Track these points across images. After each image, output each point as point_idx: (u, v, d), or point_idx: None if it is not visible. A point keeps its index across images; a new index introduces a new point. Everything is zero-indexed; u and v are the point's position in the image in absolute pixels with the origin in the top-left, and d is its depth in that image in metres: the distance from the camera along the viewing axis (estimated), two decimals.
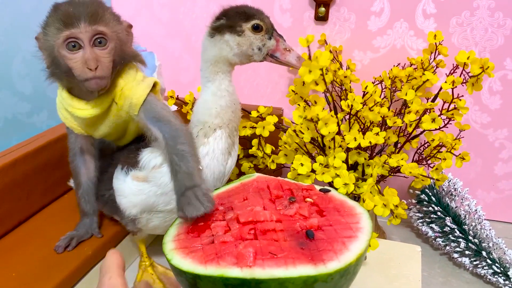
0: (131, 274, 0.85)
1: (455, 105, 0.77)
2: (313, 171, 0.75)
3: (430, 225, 0.90)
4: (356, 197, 0.78)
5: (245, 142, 0.90)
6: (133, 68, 0.69)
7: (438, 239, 0.89)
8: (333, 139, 0.75)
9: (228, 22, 0.67)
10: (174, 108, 0.87)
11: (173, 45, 1.11)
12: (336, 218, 0.52)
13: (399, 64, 0.95)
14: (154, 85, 0.69)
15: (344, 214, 0.52)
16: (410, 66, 0.90)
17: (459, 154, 0.79)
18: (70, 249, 0.76)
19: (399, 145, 0.85)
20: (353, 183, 0.72)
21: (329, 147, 0.77)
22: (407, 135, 0.83)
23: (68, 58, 0.62)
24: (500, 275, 0.81)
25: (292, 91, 0.81)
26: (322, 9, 0.96)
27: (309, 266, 0.43)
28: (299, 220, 0.51)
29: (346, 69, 0.95)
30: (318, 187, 0.59)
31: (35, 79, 0.89)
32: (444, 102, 0.79)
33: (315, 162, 0.75)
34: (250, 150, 0.88)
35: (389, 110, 0.81)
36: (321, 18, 0.97)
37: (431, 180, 0.76)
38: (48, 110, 0.94)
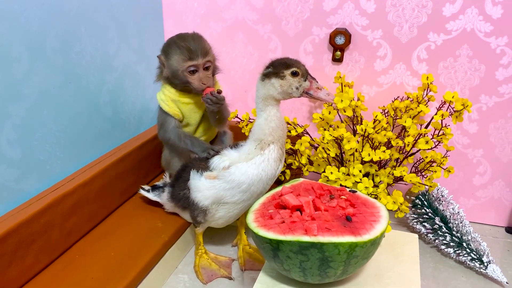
0: (190, 259, 1.08)
1: (443, 132, 1.03)
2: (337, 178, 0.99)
3: (423, 223, 1.15)
4: (373, 196, 1.02)
5: None
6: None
7: (429, 235, 1.14)
8: (353, 154, 1.00)
9: (274, 70, 0.91)
10: None
11: None
12: (364, 209, 0.76)
13: (398, 97, 1.20)
14: None
15: (369, 206, 0.77)
16: (408, 99, 1.15)
17: (446, 168, 1.04)
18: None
19: (399, 161, 1.10)
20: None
21: (349, 161, 1.02)
22: (406, 153, 1.08)
23: (188, 77, 1.01)
24: (477, 261, 1.05)
25: (320, 118, 1.06)
26: (338, 52, 1.22)
27: (352, 236, 0.68)
28: (339, 209, 0.75)
29: (357, 100, 1.20)
30: (347, 189, 0.83)
31: (115, 105, 1.13)
32: (435, 129, 1.04)
33: (339, 172, 0.99)
34: (288, 160, 1.12)
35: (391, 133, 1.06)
36: (337, 60, 1.23)
37: (425, 186, 1.01)
38: (121, 129, 1.17)
